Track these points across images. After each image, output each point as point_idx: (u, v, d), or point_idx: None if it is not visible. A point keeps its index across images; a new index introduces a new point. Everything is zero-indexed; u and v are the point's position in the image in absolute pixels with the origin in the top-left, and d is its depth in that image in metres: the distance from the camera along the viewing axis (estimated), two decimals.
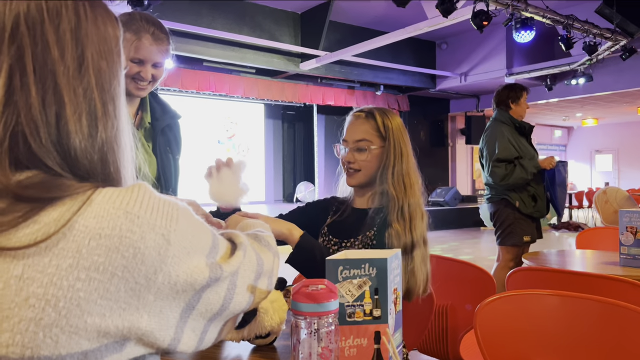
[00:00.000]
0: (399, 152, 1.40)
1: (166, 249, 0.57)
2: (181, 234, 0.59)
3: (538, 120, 14.34)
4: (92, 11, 0.63)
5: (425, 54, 10.11)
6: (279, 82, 9.39)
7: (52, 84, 0.57)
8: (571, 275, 1.77)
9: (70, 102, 0.58)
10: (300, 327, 0.73)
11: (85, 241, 0.53)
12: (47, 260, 0.52)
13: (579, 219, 11.31)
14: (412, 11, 5.97)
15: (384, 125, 1.42)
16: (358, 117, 1.46)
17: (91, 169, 0.59)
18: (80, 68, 0.60)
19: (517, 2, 5.77)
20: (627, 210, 2.16)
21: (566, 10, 6.60)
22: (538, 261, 2.43)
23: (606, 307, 1.25)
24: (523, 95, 3.45)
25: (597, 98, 10.20)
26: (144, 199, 0.58)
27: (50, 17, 0.58)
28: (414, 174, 1.42)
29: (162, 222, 0.58)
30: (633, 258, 2.15)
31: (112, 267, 0.54)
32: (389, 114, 1.46)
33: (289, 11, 8.20)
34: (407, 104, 11.20)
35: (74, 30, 0.60)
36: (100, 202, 0.56)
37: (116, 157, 0.63)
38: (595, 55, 7.16)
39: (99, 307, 0.53)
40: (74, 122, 0.58)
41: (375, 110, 1.46)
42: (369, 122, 1.44)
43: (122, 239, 0.54)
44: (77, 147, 0.58)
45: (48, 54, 0.57)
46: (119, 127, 0.64)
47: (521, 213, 3.31)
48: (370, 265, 0.84)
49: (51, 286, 0.51)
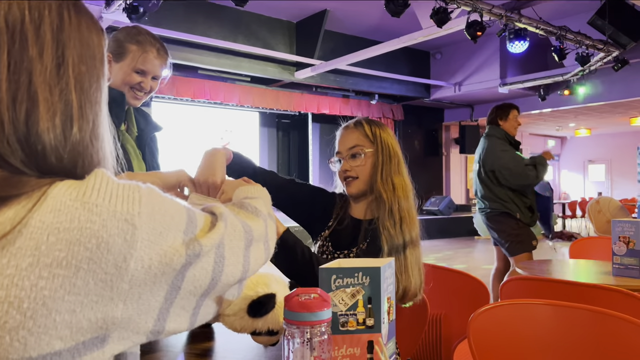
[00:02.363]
0: (387, 154, 1.45)
1: (132, 233, 0.55)
2: (147, 216, 0.56)
3: (531, 130, 14.43)
4: (77, 16, 0.62)
5: (420, 63, 10.17)
6: (274, 91, 9.40)
7: (27, 82, 0.56)
8: (564, 285, 1.77)
9: (45, 100, 0.57)
10: (293, 336, 0.72)
11: (44, 237, 0.51)
12: (5, 261, 0.50)
13: (572, 228, 11.35)
14: (406, 21, 6.01)
15: (371, 131, 1.48)
16: (347, 128, 1.52)
17: (60, 167, 0.58)
18: (58, 68, 0.58)
19: (511, 13, 5.83)
20: (620, 220, 2.17)
21: (559, 21, 6.67)
22: (531, 270, 2.44)
23: (599, 317, 1.25)
24: (511, 112, 3.64)
25: (590, 108, 10.28)
26: (101, 186, 0.56)
27: (31, 16, 0.57)
28: (404, 177, 1.45)
29: (124, 206, 0.55)
30: (626, 268, 2.16)
31: (76, 261, 0.51)
32: (376, 122, 1.53)
33: (284, 20, 8.23)
34: (401, 113, 11.24)
35: (55, 32, 0.59)
36: (56, 196, 0.54)
37: (91, 158, 0.61)
38: (588, 66, 7.23)
39: (68, 303, 0.51)
40: (46, 120, 0.56)
41: (362, 119, 1.52)
42: (358, 129, 1.49)
43: (83, 231, 0.52)
44: (47, 145, 0.56)
45: (25, 52, 0.56)
46: (96, 130, 0.62)
47: (523, 222, 3.53)
48: (364, 274, 0.84)
49: (13, 287, 0.49)
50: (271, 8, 7.72)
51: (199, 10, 7.21)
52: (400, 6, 5.00)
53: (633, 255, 2.14)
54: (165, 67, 1.72)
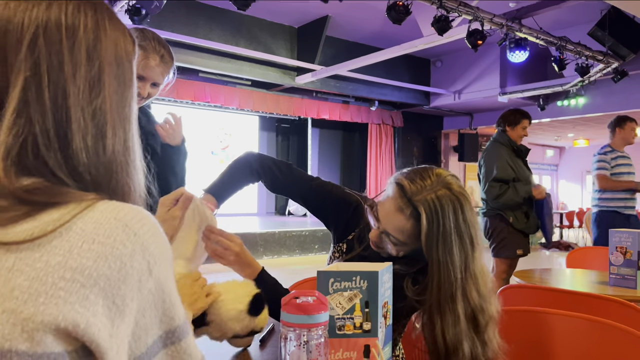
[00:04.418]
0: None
1: (147, 279, 0.56)
2: (161, 273, 0.58)
3: (530, 140, 14.45)
4: (113, 33, 0.64)
5: (420, 71, 10.20)
6: (275, 95, 9.42)
7: (63, 102, 0.58)
8: (561, 294, 1.77)
9: (77, 121, 0.59)
10: (289, 339, 0.72)
11: (79, 243, 0.53)
12: (38, 255, 0.52)
13: (569, 238, 11.35)
14: (407, 28, 6.04)
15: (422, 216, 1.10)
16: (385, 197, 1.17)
17: (95, 182, 0.60)
18: (92, 89, 0.60)
19: (512, 23, 5.86)
20: (617, 230, 2.18)
21: (559, 32, 6.70)
22: (528, 279, 2.44)
23: (596, 326, 1.25)
24: (521, 121, 3.62)
25: (589, 119, 10.31)
26: (147, 222, 0.58)
27: (67, 33, 0.59)
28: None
29: (154, 249, 0.57)
30: (623, 278, 2.16)
31: (97, 274, 0.53)
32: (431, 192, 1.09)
33: (286, 25, 8.26)
34: (401, 120, 11.26)
35: (90, 51, 0.61)
36: (103, 211, 0.56)
37: (124, 174, 0.63)
38: (587, 77, 7.25)
39: (75, 313, 0.52)
40: (78, 141, 0.59)
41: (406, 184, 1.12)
42: (398, 209, 1.13)
43: (114, 250, 0.54)
44: (80, 163, 0.59)
45: (61, 72, 0.58)
46: (127, 146, 0.64)
47: (514, 228, 3.52)
48: (362, 278, 0.84)
49: (36, 280, 0.51)
50: (273, 13, 7.75)
51: (201, 13, 7.23)
52: (402, 13, 5.02)
53: (630, 266, 2.14)
54: (168, 73, 1.68)
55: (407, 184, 1.10)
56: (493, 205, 3.56)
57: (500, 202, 3.48)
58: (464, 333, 1.03)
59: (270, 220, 10.10)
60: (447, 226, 1.05)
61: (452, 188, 1.09)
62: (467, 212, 1.09)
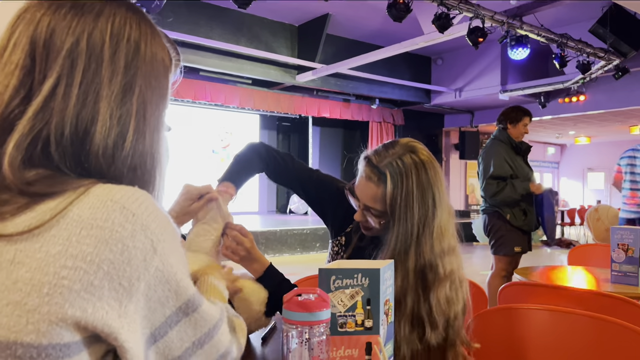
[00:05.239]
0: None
1: (152, 257, 0.57)
2: (167, 248, 0.59)
3: (531, 138, 14.44)
4: (152, 47, 0.67)
5: (421, 68, 10.19)
6: (275, 93, 9.42)
7: (92, 102, 0.60)
8: (562, 291, 1.77)
9: (104, 122, 0.61)
10: (291, 336, 0.72)
11: (77, 230, 0.54)
12: (37, 246, 0.53)
13: (571, 236, 11.35)
14: (408, 26, 6.02)
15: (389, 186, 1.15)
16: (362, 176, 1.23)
17: (101, 177, 0.61)
18: (124, 95, 0.63)
19: (513, 20, 5.85)
20: (619, 228, 2.18)
21: (561, 29, 6.69)
22: (530, 276, 2.44)
23: (597, 323, 1.25)
24: (523, 119, 3.62)
25: (590, 116, 10.30)
26: (144, 201, 0.58)
27: (111, 42, 0.62)
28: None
29: (156, 227, 0.58)
30: (624, 275, 2.16)
31: (99, 260, 0.53)
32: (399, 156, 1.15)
33: (287, 23, 8.25)
34: (401, 118, 11.26)
35: (129, 61, 0.64)
36: (99, 195, 0.57)
37: (138, 180, 0.64)
38: (588, 74, 7.24)
39: (81, 300, 0.52)
40: (99, 140, 0.60)
41: (374, 157, 1.18)
42: (370, 181, 1.18)
43: (113, 233, 0.54)
44: (94, 162, 0.60)
45: (97, 75, 0.61)
46: (149, 152, 0.66)
47: (512, 225, 3.51)
48: (363, 276, 0.84)
49: (38, 271, 0.52)
50: (274, 11, 7.74)
51: (202, 12, 7.23)
52: (402, 11, 5.01)
53: (631, 263, 2.14)
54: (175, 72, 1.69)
55: (373, 155, 1.17)
56: (491, 203, 3.56)
57: (498, 199, 3.49)
58: (410, 287, 1.05)
59: (272, 219, 10.11)
60: (410, 185, 1.10)
61: (416, 152, 1.14)
62: (430, 171, 1.13)
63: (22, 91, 0.59)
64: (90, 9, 0.62)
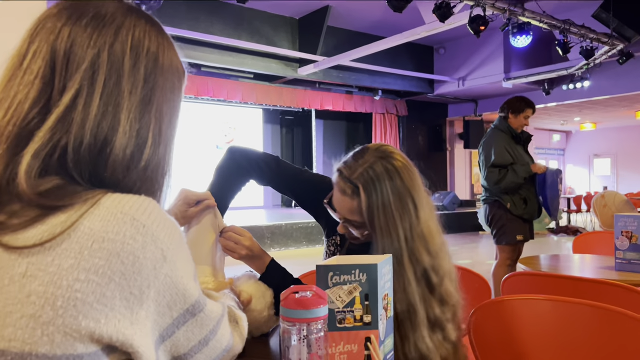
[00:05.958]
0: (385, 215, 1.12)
1: (161, 265, 0.58)
2: (175, 255, 0.60)
3: (536, 125, 14.36)
4: (169, 60, 0.68)
5: (423, 58, 10.14)
6: (277, 87, 9.41)
7: (113, 113, 0.61)
8: (566, 280, 1.76)
9: (123, 134, 0.62)
10: (289, 334, 0.73)
11: (89, 243, 0.55)
12: (49, 259, 0.54)
13: (577, 223, 11.30)
14: (409, 16, 5.99)
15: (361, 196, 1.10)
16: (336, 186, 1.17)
17: (114, 187, 0.62)
18: (144, 107, 0.64)
19: (514, 7, 5.80)
20: (623, 215, 2.16)
21: (563, 14, 6.63)
22: (534, 265, 2.43)
23: (601, 312, 1.25)
24: (525, 110, 3.60)
25: (595, 102, 10.23)
26: (153, 210, 0.60)
27: (131, 54, 0.63)
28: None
29: (165, 236, 0.59)
30: (628, 262, 2.15)
31: (111, 272, 0.54)
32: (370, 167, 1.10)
33: (287, 16, 8.22)
34: (405, 108, 11.22)
35: (148, 73, 0.65)
36: (109, 207, 0.57)
37: (149, 190, 0.65)
38: (592, 59, 7.19)
39: (95, 311, 0.53)
40: (118, 151, 0.61)
41: (345, 170, 1.12)
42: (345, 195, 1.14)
43: (125, 245, 0.55)
44: (110, 172, 0.61)
45: (118, 87, 0.62)
46: (162, 163, 0.67)
47: (512, 214, 3.52)
48: (361, 271, 0.84)
49: (51, 285, 0.53)
50: (274, 5, 7.72)
51: (202, 8, 7.21)
52: (403, 1, 4.98)
53: (636, 250, 2.13)
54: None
55: (343, 167, 1.12)
56: (494, 191, 3.56)
57: (502, 186, 3.48)
58: (415, 294, 1.02)
59: (277, 213, 10.13)
60: (385, 193, 1.05)
61: (387, 157, 1.09)
62: (405, 174, 1.07)
63: (41, 101, 0.59)
64: (110, 21, 0.63)
